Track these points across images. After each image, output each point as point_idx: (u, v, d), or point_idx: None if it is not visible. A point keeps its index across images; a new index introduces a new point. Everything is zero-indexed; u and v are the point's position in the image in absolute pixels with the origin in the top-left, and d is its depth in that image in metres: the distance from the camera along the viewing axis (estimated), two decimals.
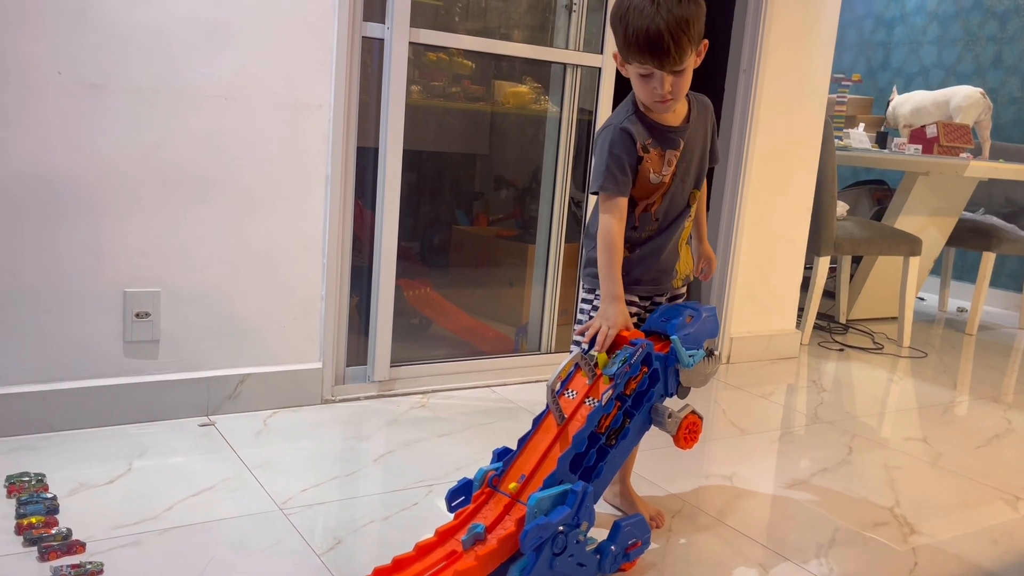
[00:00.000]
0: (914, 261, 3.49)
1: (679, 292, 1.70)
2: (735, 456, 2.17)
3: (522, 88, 2.86)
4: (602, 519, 1.59)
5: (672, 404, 1.55)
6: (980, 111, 3.93)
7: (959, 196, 3.91)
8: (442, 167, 3.08)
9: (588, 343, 1.51)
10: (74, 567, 1.36)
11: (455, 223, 3.13)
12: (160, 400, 2.02)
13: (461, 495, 1.46)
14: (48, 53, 1.79)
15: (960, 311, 4.44)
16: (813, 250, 3.31)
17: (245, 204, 2.07)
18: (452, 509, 1.46)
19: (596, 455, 1.46)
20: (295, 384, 2.20)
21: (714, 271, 1.80)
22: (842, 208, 3.55)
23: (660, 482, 1.94)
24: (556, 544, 1.33)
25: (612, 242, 1.53)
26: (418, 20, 2.25)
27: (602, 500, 1.73)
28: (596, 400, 1.45)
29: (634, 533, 1.49)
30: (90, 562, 1.39)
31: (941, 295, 4.50)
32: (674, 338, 1.51)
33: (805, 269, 3.25)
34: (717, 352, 1.59)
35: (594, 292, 1.60)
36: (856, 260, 3.96)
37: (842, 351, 3.40)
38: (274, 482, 1.77)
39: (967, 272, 4.66)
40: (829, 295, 3.91)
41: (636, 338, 1.50)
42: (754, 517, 1.82)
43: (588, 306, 1.64)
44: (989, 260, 3.82)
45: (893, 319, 3.84)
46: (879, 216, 4.03)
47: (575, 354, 1.49)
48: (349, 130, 2.17)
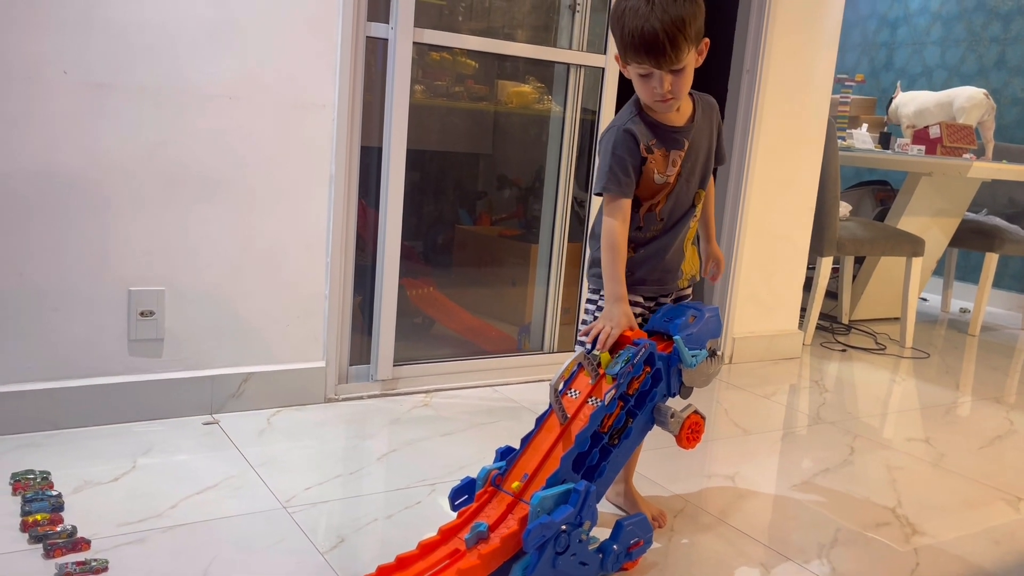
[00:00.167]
0: (917, 262, 3.49)
1: (684, 293, 1.71)
2: (737, 456, 2.17)
3: (525, 88, 2.86)
4: (604, 518, 1.59)
5: (675, 404, 1.55)
6: (983, 112, 3.93)
7: (962, 197, 3.91)
8: (445, 166, 3.09)
9: (591, 343, 1.52)
10: (79, 564, 1.37)
11: (458, 223, 3.14)
12: (164, 398, 2.03)
13: (464, 494, 1.47)
14: (54, 53, 1.80)
15: (963, 312, 4.44)
16: (816, 250, 3.31)
17: (249, 203, 2.07)
18: (455, 508, 1.46)
19: (599, 454, 1.46)
20: (298, 383, 2.21)
21: (722, 272, 1.80)
22: (845, 208, 3.55)
23: (662, 482, 1.94)
24: (559, 543, 1.34)
25: (615, 243, 1.53)
26: (422, 20, 2.25)
27: (604, 499, 1.74)
28: (599, 400, 1.45)
29: (636, 532, 1.50)
30: (95, 559, 1.39)
31: (944, 296, 4.50)
32: (677, 338, 1.52)
33: (808, 269, 3.25)
34: (720, 352, 1.59)
35: (599, 292, 1.61)
36: (859, 260, 3.96)
37: (844, 351, 3.40)
38: (278, 480, 1.77)
39: (970, 273, 4.66)
40: (831, 295, 3.91)
41: (639, 338, 1.51)
42: (756, 517, 1.82)
43: (593, 306, 1.64)
44: (992, 261, 3.82)
45: (896, 320, 3.84)
46: (882, 216, 4.03)
47: (578, 354, 1.49)
48: (353, 130, 2.17)
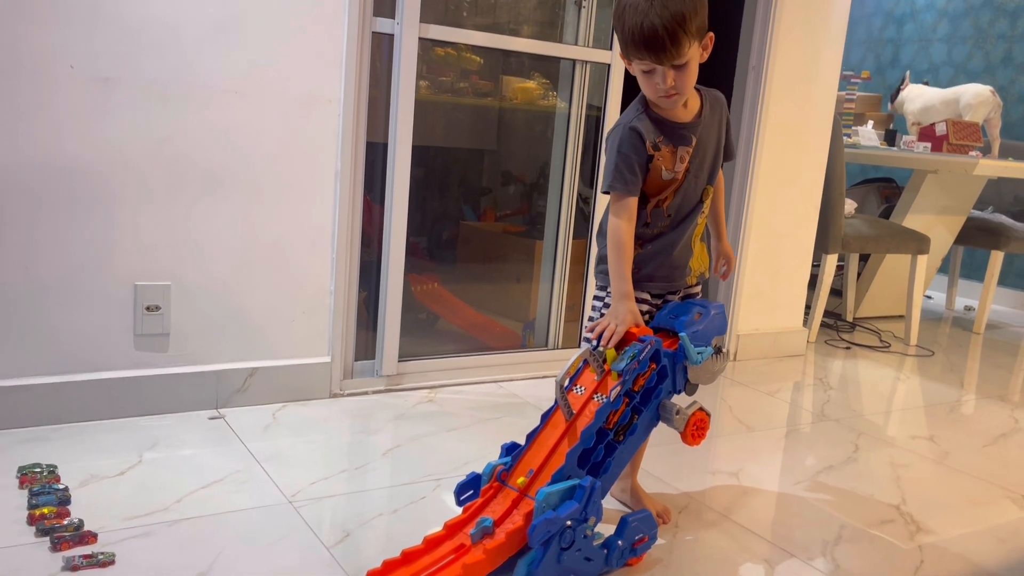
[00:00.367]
0: (922, 259, 3.49)
1: (693, 291, 1.70)
2: (741, 453, 2.17)
3: (530, 84, 2.86)
4: (609, 514, 1.60)
5: (680, 401, 1.56)
6: (990, 109, 3.92)
7: (968, 194, 3.90)
8: (450, 162, 3.08)
9: (597, 339, 1.52)
10: (86, 557, 1.38)
11: (462, 219, 3.14)
12: (170, 393, 2.04)
13: (469, 489, 1.48)
14: (61, 47, 1.80)
15: (968, 310, 4.43)
16: (821, 248, 3.31)
17: (255, 198, 2.08)
18: (461, 503, 1.47)
19: (604, 451, 1.46)
20: (304, 378, 2.21)
21: (733, 270, 1.79)
22: (850, 206, 3.55)
23: (667, 478, 1.94)
24: (564, 538, 1.34)
25: (621, 241, 1.53)
26: (427, 15, 2.25)
27: (609, 496, 1.74)
28: (604, 396, 1.45)
29: (641, 528, 1.50)
30: (102, 552, 1.40)
31: (949, 293, 4.49)
32: (683, 335, 1.52)
33: (812, 267, 3.24)
34: (725, 349, 1.59)
35: (606, 289, 1.61)
36: (864, 258, 3.95)
37: (849, 349, 3.40)
38: (283, 475, 1.78)
39: (975, 271, 4.65)
40: (836, 293, 3.91)
41: (645, 335, 1.51)
42: (760, 514, 1.83)
43: (600, 303, 1.64)
44: (997, 259, 3.82)
45: (900, 317, 3.83)
46: (887, 214, 4.03)
47: (584, 350, 1.49)
48: (359, 125, 2.18)
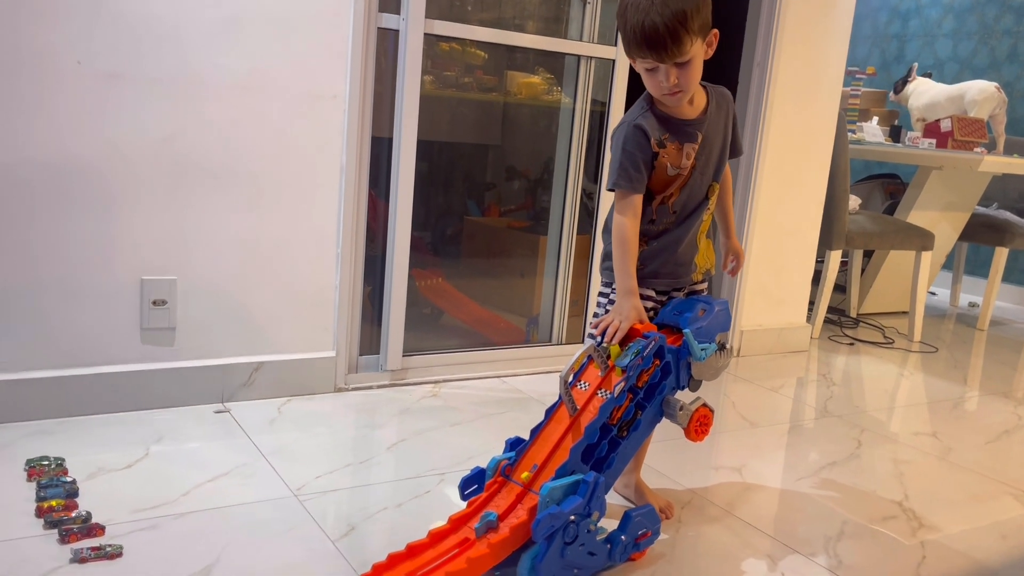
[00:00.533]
0: (926, 256, 3.49)
1: (697, 288, 1.71)
2: (744, 449, 2.18)
3: (535, 79, 2.86)
4: (613, 509, 1.60)
5: (684, 397, 1.56)
6: (995, 105, 3.91)
7: (972, 191, 3.90)
8: (454, 157, 3.09)
9: (601, 335, 1.53)
10: (94, 550, 1.39)
11: (467, 214, 3.14)
12: (176, 387, 2.05)
13: (474, 484, 1.48)
14: (68, 43, 1.81)
15: (972, 306, 4.43)
16: (825, 244, 3.31)
17: (261, 193, 2.08)
18: (465, 497, 1.48)
19: (608, 446, 1.47)
20: (309, 372, 2.22)
21: (742, 266, 1.79)
22: (854, 202, 3.54)
23: (670, 473, 1.95)
24: (568, 533, 1.35)
25: (626, 238, 1.54)
26: (432, 11, 2.26)
27: (613, 491, 1.76)
28: (608, 392, 1.46)
29: (644, 523, 1.51)
30: (110, 545, 1.41)
31: (953, 290, 4.49)
32: (687, 331, 1.52)
33: (816, 263, 3.25)
34: (729, 346, 1.60)
35: (611, 286, 1.61)
36: (868, 254, 3.95)
37: (852, 345, 3.40)
38: (288, 469, 1.79)
39: (979, 267, 4.64)
40: (840, 289, 3.91)
41: (649, 331, 1.52)
42: (763, 509, 1.83)
43: (605, 300, 1.65)
44: (1002, 255, 3.81)
45: (904, 313, 3.83)
46: (891, 210, 4.02)
47: (588, 346, 1.50)
48: (364, 121, 2.18)
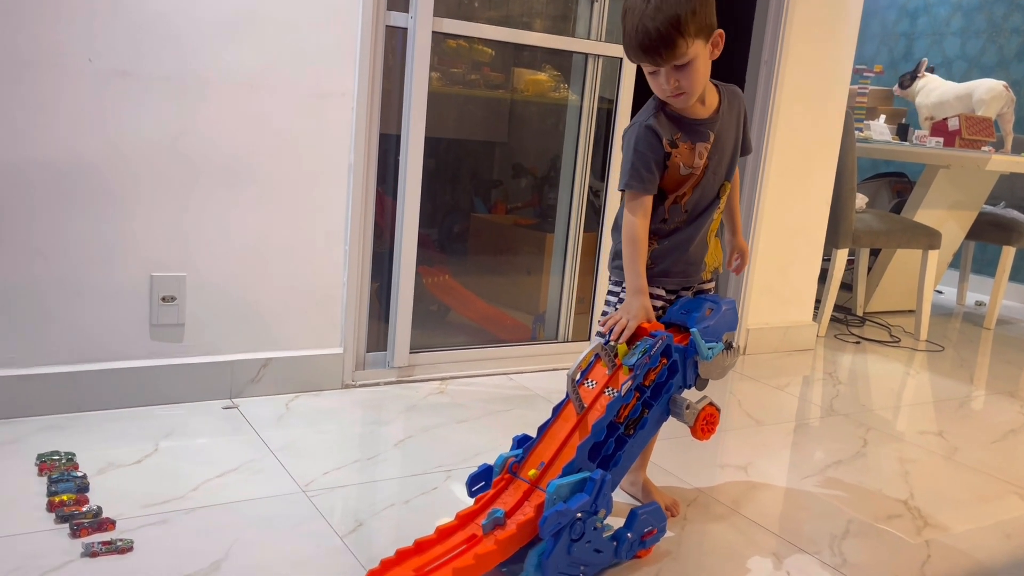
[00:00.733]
0: (933, 254, 3.48)
1: (706, 286, 1.71)
2: (750, 447, 2.19)
3: (542, 76, 2.87)
4: (619, 507, 1.61)
5: (690, 395, 1.57)
6: (1003, 104, 3.90)
7: (980, 189, 3.89)
8: (461, 154, 3.09)
9: (608, 334, 1.53)
10: (105, 544, 1.40)
11: (473, 211, 3.15)
12: (185, 383, 2.06)
13: (481, 480, 1.49)
14: (79, 40, 1.82)
15: (978, 305, 4.42)
16: (831, 242, 3.30)
17: (269, 191, 2.09)
18: (472, 494, 1.49)
19: (614, 444, 1.48)
20: (316, 369, 2.23)
21: (747, 264, 1.80)
22: (861, 200, 3.54)
23: (676, 472, 1.96)
24: (574, 530, 1.36)
25: (636, 237, 1.54)
26: (440, 8, 2.26)
27: (619, 488, 1.76)
28: (615, 390, 1.47)
29: (650, 521, 1.52)
30: (120, 539, 1.43)
31: (960, 289, 4.48)
32: (694, 331, 1.53)
33: (823, 261, 3.24)
34: (736, 345, 1.60)
35: (620, 284, 1.62)
36: (874, 252, 3.95)
37: (858, 344, 3.40)
38: (296, 465, 1.80)
39: (986, 266, 4.64)
40: (846, 287, 3.90)
41: (656, 330, 1.52)
42: (768, 507, 1.84)
43: (614, 298, 1.65)
44: (1009, 254, 3.81)
45: (910, 312, 3.83)
46: (899, 209, 4.02)
47: (596, 344, 1.51)
48: (372, 118, 2.19)
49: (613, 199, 2.67)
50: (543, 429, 1.50)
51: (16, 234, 1.84)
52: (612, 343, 1.51)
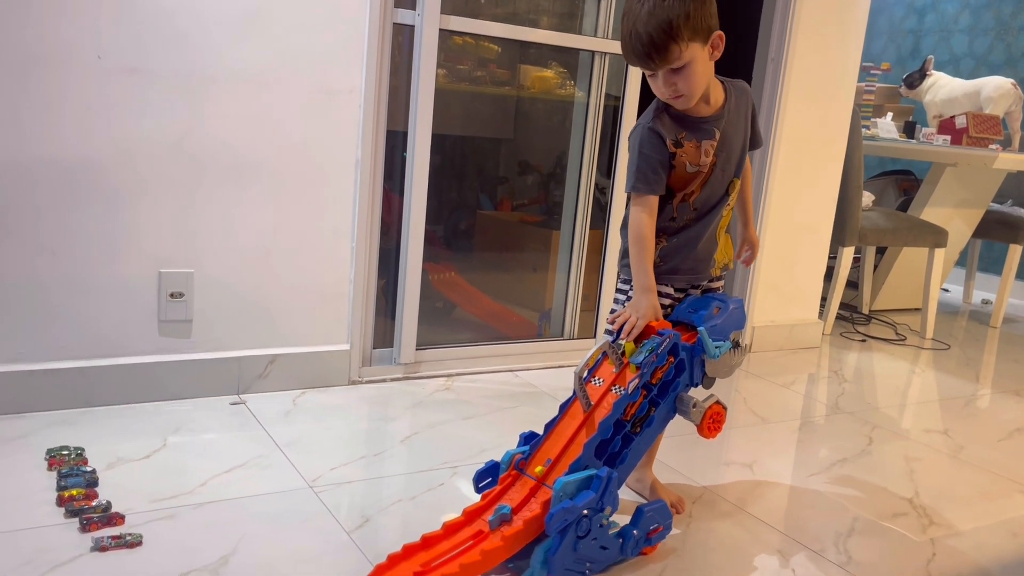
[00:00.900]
0: (939, 253, 3.48)
1: (714, 285, 1.71)
2: (755, 445, 2.19)
3: (548, 73, 2.87)
4: (625, 504, 1.62)
5: (697, 394, 1.57)
6: (1011, 102, 3.89)
7: (987, 188, 3.88)
8: (467, 151, 3.10)
9: (617, 331, 1.54)
10: (114, 538, 1.41)
11: (479, 208, 3.15)
12: (193, 378, 2.07)
13: (488, 477, 1.50)
14: (89, 37, 1.83)
15: (985, 303, 4.41)
16: (838, 240, 3.30)
17: (277, 188, 2.10)
18: (479, 490, 1.49)
19: (621, 442, 1.48)
20: (323, 365, 2.24)
21: (756, 257, 1.80)
22: (868, 198, 3.53)
23: (682, 469, 1.96)
24: (580, 527, 1.37)
25: (643, 235, 1.55)
26: (447, 5, 2.26)
27: (625, 486, 1.76)
28: (622, 388, 1.47)
29: (656, 518, 1.52)
30: (129, 533, 1.43)
31: (966, 287, 4.47)
32: (701, 329, 1.53)
33: (829, 259, 3.24)
34: (743, 344, 1.61)
35: (629, 283, 1.62)
36: (880, 250, 3.94)
37: (864, 342, 3.40)
38: (303, 460, 1.81)
39: (993, 264, 4.62)
40: (852, 285, 3.90)
41: (664, 328, 1.53)
42: (774, 505, 1.84)
43: (623, 296, 1.65)
44: (1016, 252, 3.79)
45: (916, 310, 3.82)
46: (905, 207, 4.01)
47: (603, 342, 1.51)
48: (379, 116, 2.19)
49: (619, 196, 2.68)
50: (550, 426, 1.50)
51: (25, 231, 1.85)
52: (620, 341, 1.52)
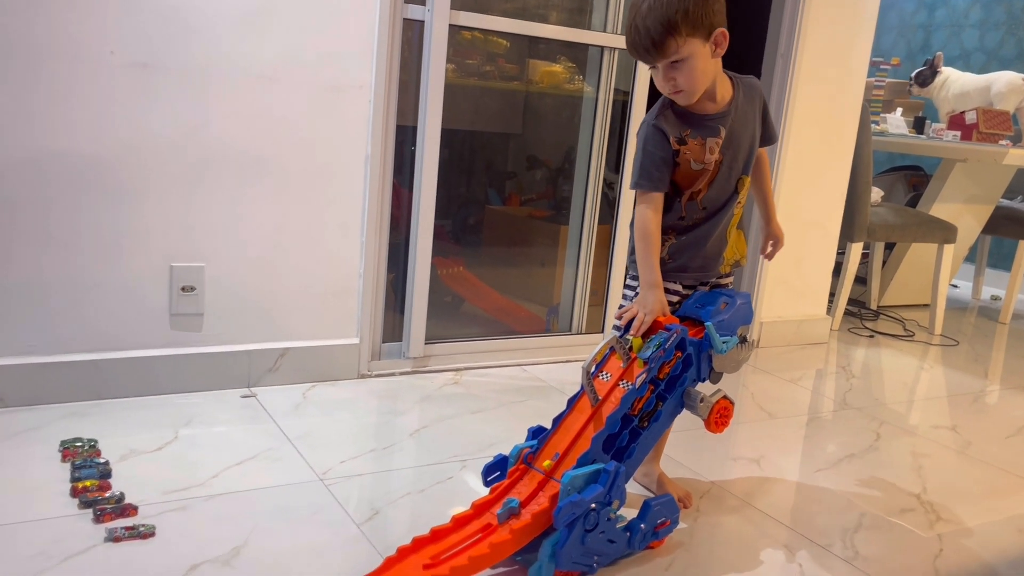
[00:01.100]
0: (948, 248, 3.47)
1: (724, 281, 1.71)
2: (763, 440, 2.19)
3: (556, 68, 2.87)
4: (632, 499, 1.62)
5: (704, 389, 1.58)
6: (1021, 98, 3.87)
7: (997, 183, 3.86)
8: (475, 146, 3.10)
9: (624, 327, 1.54)
10: (128, 529, 1.43)
11: (488, 203, 3.16)
12: (204, 371, 2.09)
13: (496, 470, 1.51)
14: (101, 33, 1.84)
15: (994, 299, 4.40)
16: (846, 236, 3.30)
17: (287, 182, 2.11)
18: (488, 484, 1.50)
19: (629, 436, 1.49)
20: (333, 359, 2.26)
21: (780, 249, 1.79)
22: (877, 194, 3.53)
23: (689, 464, 1.97)
24: (588, 521, 1.38)
25: (649, 232, 1.55)
26: (456, 1, 2.26)
27: (633, 480, 1.78)
28: (630, 383, 1.48)
29: (663, 512, 1.53)
30: (143, 524, 1.45)
31: (975, 283, 4.46)
32: (708, 324, 1.54)
33: (837, 254, 3.24)
34: (750, 339, 1.61)
35: (638, 279, 1.63)
36: (889, 246, 3.93)
37: (872, 337, 3.39)
38: (313, 453, 1.83)
39: (1002, 260, 4.61)
40: (860, 281, 3.89)
41: (671, 323, 1.53)
42: (780, 500, 1.85)
43: (632, 292, 1.66)
44: None
45: (925, 306, 3.82)
46: (914, 202, 4.00)
47: (611, 338, 1.52)
48: (389, 111, 2.20)
49: (628, 192, 2.68)
50: (558, 420, 1.51)
51: (37, 225, 1.87)
52: (628, 337, 1.52)
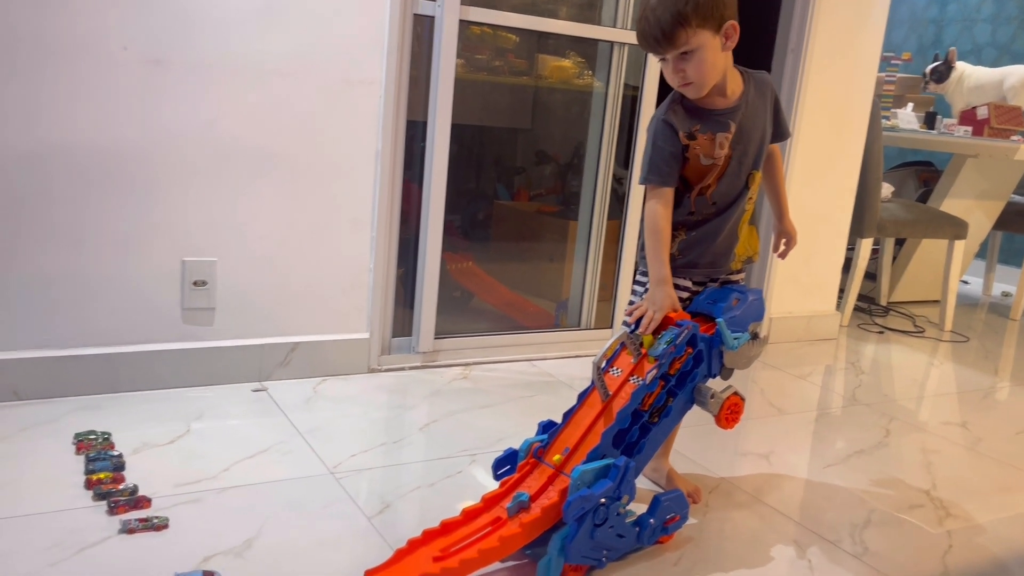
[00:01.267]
0: (959, 244, 3.45)
1: (735, 277, 1.71)
2: (772, 436, 2.19)
3: (566, 63, 2.87)
4: (642, 494, 1.63)
5: (715, 384, 1.58)
6: None
7: (1008, 179, 3.84)
8: (484, 141, 3.10)
9: (635, 323, 1.55)
10: (141, 521, 1.45)
11: (497, 198, 3.16)
12: (216, 365, 2.10)
13: (507, 464, 1.52)
14: (114, 29, 1.85)
15: (1005, 296, 4.38)
16: (856, 232, 3.29)
17: (298, 177, 2.12)
18: (498, 477, 1.51)
19: (639, 432, 1.50)
20: (343, 353, 2.27)
21: (794, 247, 1.79)
22: (887, 189, 3.51)
23: (698, 459, 1.97)
24: (598, 515, 1.38)
25: (658, 227, 1.55)
26: None
27: (642, 475, 1.78)
28: (640, 379, 1.48)
29: (673, 508, 1.54)
30: (156, 517, 1.47)
31: (986, 279, 4.44)
32: (720, 320, 1.54)
33: (847, 250, 3.23)
34: (762, 335, 1.61)
35: (648, 275, 1.63)
36: (899, 241, 3.92)
37: (882, 333, 3.39)
38: (324, 447, 1.84)
39: (1013, 256, 4.58)
40: (870, 277, 3.88)
41: (682, 319, 1.54)
42: (790, 496, 1.85)
43: (641, 288, 1.66)
44: None
45: (935, 302, 3.80)
46: (925, 198, 3.98)
47: (621, 333, 1.52)
48: (399, 106, 2.21)
49: (637, 187, 2.68)
50: (568, 415, 1.52)
51: (51, 221, 1.88)
52: (638, 333, 1.53)
